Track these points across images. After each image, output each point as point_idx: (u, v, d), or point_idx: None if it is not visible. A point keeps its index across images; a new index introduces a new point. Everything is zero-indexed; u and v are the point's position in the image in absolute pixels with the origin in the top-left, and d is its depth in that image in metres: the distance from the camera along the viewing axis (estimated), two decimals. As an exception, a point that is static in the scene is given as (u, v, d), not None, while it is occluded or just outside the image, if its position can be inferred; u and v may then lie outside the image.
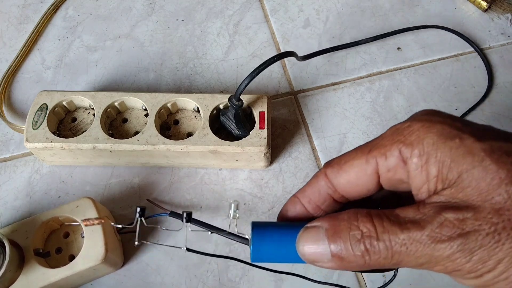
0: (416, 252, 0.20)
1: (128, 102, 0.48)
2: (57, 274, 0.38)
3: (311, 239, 0.23)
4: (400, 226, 0.21)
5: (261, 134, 0.45)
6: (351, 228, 0.22)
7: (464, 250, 0.20)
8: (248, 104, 0.47)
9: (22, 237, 0.39)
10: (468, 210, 0.20)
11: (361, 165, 0.24)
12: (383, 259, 0.21)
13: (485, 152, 0.20)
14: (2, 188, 0.48)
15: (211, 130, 0.45)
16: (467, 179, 0.20)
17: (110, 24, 0.60)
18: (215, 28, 0.60)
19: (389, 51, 0.57)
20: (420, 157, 0.22)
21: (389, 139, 0.23)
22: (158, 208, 0.46)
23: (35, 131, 0.44)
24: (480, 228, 0.19)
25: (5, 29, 0.60)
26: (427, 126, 0.22)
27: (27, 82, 0.55)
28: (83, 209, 0.40)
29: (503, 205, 0.19)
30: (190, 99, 0.47)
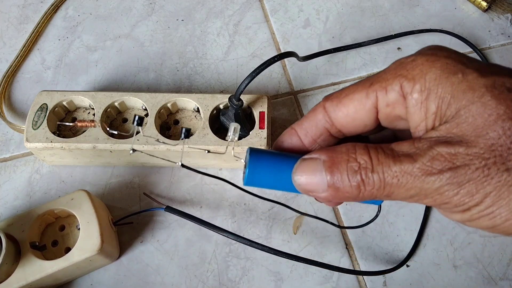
0: (407, 184, 0.21)
1: (128, 102, 0.48)
2: (53, 265, 0.38)
3: (309, 169, 0.23)
4: (393, 159, 0.21)
5: (261, 134, 0.45)
6: (349, 160, 0.22)
7: (452, 184, 0.20)
8: (248, 104, 0.46)
9: (18, 231, 0.39)
10: (461, 145, 0.20)
11: (360, 99, 0.23)
12: (376, 190, 0.22)
13: (486, 88, 0.20)
14: (2, 188, 0.48)
15: (211, 130, 0.45)
16: (464, 115, 0.20)
17: (110, 24, 0.60)
18: (215, 28, 0.60)
19: (389, 51, 0.57)
20: (421, 93, 0.21)
21: (391, 73, 0.22)
22: (154, 202, 0.46)
23: (35, 131, 0.44)
24: (470, 162, 0.19)
25: (5, 29, 0.60)
26: (431, 60, 0.21)
27: (27, 82, 0.55)
28: (78, 202, 0.41)
29: (497, 141, 0.19)
30: (190, 99, 0.47)
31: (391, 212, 0.46)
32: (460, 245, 0.45)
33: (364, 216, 0.46)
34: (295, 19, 0.60)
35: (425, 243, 0.45)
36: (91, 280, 0.43)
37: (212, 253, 0.44)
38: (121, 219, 0.44)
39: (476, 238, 0.45)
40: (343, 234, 0.45)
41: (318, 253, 0.44)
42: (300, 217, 0.46)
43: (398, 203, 0.47)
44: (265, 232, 0.45)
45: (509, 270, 0.43)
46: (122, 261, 0.44)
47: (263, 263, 0.44)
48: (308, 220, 0.46)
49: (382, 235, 0.45)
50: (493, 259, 0.44)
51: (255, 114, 0.46)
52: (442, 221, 0.46)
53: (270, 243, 0.45)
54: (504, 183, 0.19)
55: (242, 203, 0.47)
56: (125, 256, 0.44)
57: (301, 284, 0.43)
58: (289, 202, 0.47)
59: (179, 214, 0.42)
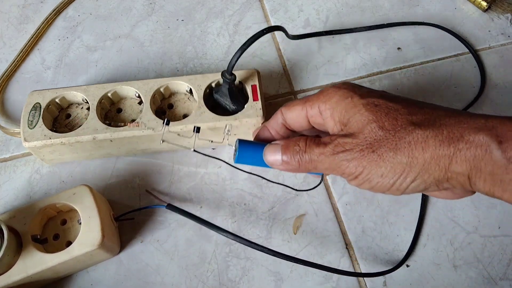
0: (323, 160, 0.33)
1: (121, 92, 0.48)
2: (54, 259, 0.38)
3: (272, 151, 0.36)
4: (317, 145, 0.33)
5: (256, 105, 0.47)
6: (294, 145, 0.34)
7: (346, 160, 0.32)
8: (239, 80, 0.48)
9: (20, 224, 0.40)
10: (350, 137, 0.32)
11: (299, 110, 0.36)
12: (308, 163, 0.34)
13: (363, 105, 0.32)
14: (2, 188, 0.48)
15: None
16: (352, 121, 0.32)
17: (110, 24, 0.60)
18: (215, 28, 0.60)
19: (389, 51, 0.57)
20: (329, 110, 0.34)
21: (315, 97, 0.35)
22: (155, 200, 0.46)
23: (32, 130, 0.44)
24: (354, 147, 0.31)
25: (5, 29, 0.60)
26: (335, 91, 0.34)
27: (27, 82, 0.55)
28: (80, 196, 0.41)
29: (368, 135, 0.31)
30: (182, 81, 0.48)
31: (391, 212, 0.46)
32: (460, 245, 0.45)
33: (364, 216, 0.46)
34: (295, 19, 0.60)
35: (425, 243, 0.45)
36: (91, 280, 0.43)
37: (212, 253, 0.44)
38: (122, 214, 0.44)
39: (476, 238, 0.45)
40: (343, 234, 0.45)
41: (318, 253, 0.44)
42: (300, 217, 0.46)
43: (397, 204, 0.47)
44: (265, 232, 0.45)
45: (509, 270, 0.43)
46: (122, 260, 0.44)
47: (263, 263, 0.44)
48: (308, 220, 0.46)
49: (382, 235, 0.45)
50: (493, 259, 0.44)
51: (247, 88, 0.48)
52: (442, 221, 0.46)
53: (270, 243, 0.45)
54: (371, 159, 0.31)
55: (242, 203, 0.47)
56: (125, 256, 0.44)
57: (301, 284, 0.43)
58: (288, 202, 0.47)
59: (180, 213, 0.42)
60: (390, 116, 0.31)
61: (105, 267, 0.43)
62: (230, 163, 0.45)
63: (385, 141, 0.30)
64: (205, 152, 0.49)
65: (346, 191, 0.47)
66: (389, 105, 0.32)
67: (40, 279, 0.40)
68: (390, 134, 0.31)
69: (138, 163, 0.49)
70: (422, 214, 0.46)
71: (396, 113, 0.31)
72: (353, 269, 0.44)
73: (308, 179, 0.48)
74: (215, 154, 0.50)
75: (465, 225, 0.46)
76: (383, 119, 0.31)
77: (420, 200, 0.47)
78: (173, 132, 0.45)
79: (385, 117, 0.31)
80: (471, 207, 0.47)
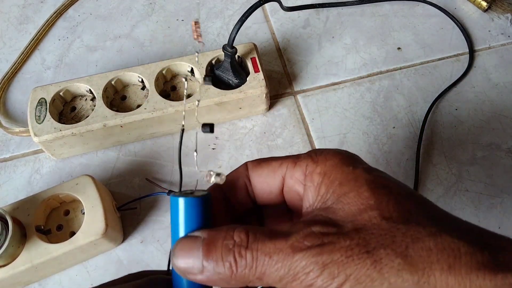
0: (277, 262, 0.20)
1: (124, 78, 0.49)
2: (58, 249, 0.39)
3: (186, 250, 0.22)
4: (270, 236, 0.21)
5: (258, 77, 0.48)
6: (226, 238, 0.22)
7: (317, 263, 0.20)
8: (237, 55, 0.49)
9: (23, 215, 0.40)
10: (334, 226, 0.21)
11: (275, 166, 0.26)
12: (248, 270, 0.21)
13: (366, 181, 0.22)
14: (2, 188, 0.48)
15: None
16: (343, 201, 0.22)
17: (110, 24, 0.60)
18: (215, 28, 0.60)
19: (389, 51, 0.57)
20: (319, 175, 0.24)
21: (304, 155, 0.26)
22: (157, 187, 0.47)
23: (40, 124, 0.45)
24: (337, 241, 0.20)
25: (5, 29, 0.60)
26: (335, 153, 0.25)
27: (28, 82, 0.55)
28: (83, 187, 0.41)
29: (362, 226, 0.20)
30: (183, 62, 0.49)
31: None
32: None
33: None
34: (295, 19, 0.60)
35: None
36: (91, 280, 0.43)
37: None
38: (125, 204, 0.45)
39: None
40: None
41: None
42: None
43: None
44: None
45: None
46: (123, 261, 0.44)
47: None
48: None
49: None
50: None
51: (247, 62, 0.49)
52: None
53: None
54: (363, 265, 0.19)
55: (242, 203, 0.47)
56: (125, 256, 0.44)
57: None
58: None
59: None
60: (401, 205, 0.21)
61: (106, 267, 0.44)
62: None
63: (390, 238, 0.20)
64: (205, 151, 0.50)
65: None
66: (401, 192, 0.23)
67: (45, 270, 0.40)
68: (399, 231, 0.20)
69: (139, 163, 0.49)
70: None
71: (410, 202, 0.22)
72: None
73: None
74: (215, 154, 0.50)
75: None
76: (391, 207, 0.21)
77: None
78: (181, 110, 0.46)
79: (395, 205, 0.21)
80: (471, 207, 0.47)
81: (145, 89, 0.49)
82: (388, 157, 0.49)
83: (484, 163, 0.49)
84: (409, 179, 0.48)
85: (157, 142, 0.50)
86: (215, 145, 0.50)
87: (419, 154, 0.49)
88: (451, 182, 0.48)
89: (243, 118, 0.52)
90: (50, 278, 0.43)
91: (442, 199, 0.47)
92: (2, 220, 0.38)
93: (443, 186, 0.48)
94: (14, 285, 0.41)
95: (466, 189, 0.48)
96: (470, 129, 0.51)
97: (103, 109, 0.46)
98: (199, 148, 0.50)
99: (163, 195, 0.46)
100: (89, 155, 0.49)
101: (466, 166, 0.49)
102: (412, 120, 0.52)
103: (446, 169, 0.49)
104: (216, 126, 0.51)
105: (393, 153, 0.50)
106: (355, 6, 0.61)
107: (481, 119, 0.52)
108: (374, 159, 0.49)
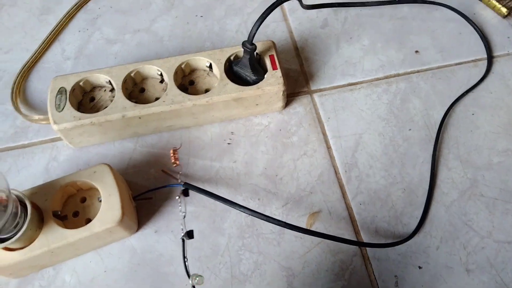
0: None
1: (143, 71, 0.50)
2: (75, 234, 0.39)
3: None
4: None
5: (276, 74, 0.48)
6: None
7: None
8: (256, 52, 0.50)
9: (41, 200, 0.40)
10: None
11: None
12: None
13: None
14: (20, 173, 0.48)
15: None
16: None
17: (130, 18, 0.61)
18: (234, 25, 0.60)
19: (407, 54, 0.57)
20: None
21: None
22: (172, 179, 0.47)
23: (60, 113, 0.45)
24: None
25: (26, 19, 0.61)
26: None
27: (47, 71, 0.56)
28: (100, 175, 0.42)
29: None
30: (202, 57, 0.50)
31: (405, 214, 0.46)
32: (474, 249, 0.44)
33: (378, 216, 0.46)
34: (313, 19, 0.61)
35: (438, 245, 0.45)
36: (105, 267, 0.43)
37: (225, 246, 0.44)
38: (140, 194, 0.45)
39: (490, 243, 0.45)
40: (356, 233, 0.45)
41: (330, 250, 0.44)
42: (314, 215, 0.46)
43: (411, 206, 0.47)
44: (278, 228, 0.45)
45: (522, 275, 0.43)
46: (136, 249, 0.44)
47: (276, 258, 0.44)
48: (322, 217, 0.46)
49: (395, 236, 0.45)
50: (506, 265, 0.44)
51: (265, 60, 0.50)
52: (456, 224, 0.46)
53: (283, 239, 0.45)
54: None
55: (256, 198, 0.47)
56: (139, 245, 0.44)
57: (312, 281, 0.43)
58: (302, 199, 0.47)
59: (197, 191, 0.42)
60: None
61: (119, 255, 0.44)
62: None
63: None
64: (221, 146, 0.50)
65: (360, 191, 0.47)
66: None
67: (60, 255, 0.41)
68: None
69: (155, 154, 0.49)
70: (436, 217, 0.46)
71: None
72: (365, 269, 0.44)
73: (322, 177, 0.48)
74: (230, 148, 0.50)
75: (479, 230, 0.45)
76: None
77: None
78: (199, 105, 0.47)
79: None
80: (486, 212, 0.46)
81: (164, 82, 0.50)
82: (404, 159, 0.49)
83: (500, 168, 0.49)
84: (424, 182, 0.48)
85: (174, 135, 0.51)
86: (231, 140, 0.51)
87: (435, 157, 0.49)
88: (466, 186, 0.48)
89: (259, 115, 0.52)
90: (64, 263, 0.43)
91: (457, 203, 0.47)
92: (22, 204, 0.38)
93: (458, 190, 0.48)
94: (29, 268, 0.41)
95: (481, 194, 0.47)
96: (487, 134, 0.51)
97: (122, 100, 0.46)
98: (215, 142, 0.50)
99: (178, 187, 0.46)
100: (106, 145, 0.50)
101: (482, 171, 0.49)
102: (428, 123, 0.52)
103: (461, 173, 0.49)
104: (232, 121, 0.52)
105: (408, 155, 0.50)
106: (374, 8, 0.61)
107: (498, 125, 0.52)
108: (389, 161, 0.49)
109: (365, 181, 0.48)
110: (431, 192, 0.47)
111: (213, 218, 0.46)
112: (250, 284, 0.43)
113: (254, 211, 0.41)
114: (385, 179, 0.48)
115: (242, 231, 0.45)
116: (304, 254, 0.44)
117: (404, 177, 0.48)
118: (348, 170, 0.49)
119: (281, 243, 0.45)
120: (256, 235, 0.45)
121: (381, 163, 0.49)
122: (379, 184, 0.48)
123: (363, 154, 0.50)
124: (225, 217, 0.46)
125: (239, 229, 0.45)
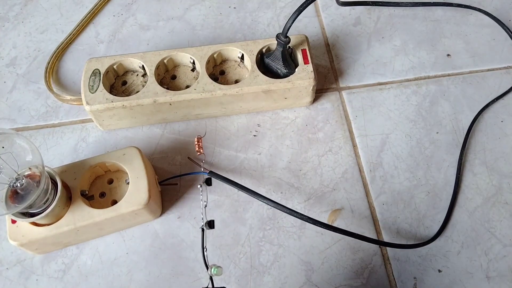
0: None
1: (176, 58, 0.50)
2: (101, 214, 0.40)
3: None
4: None
5: (307, 68, 0.49)
6: None
7: None
8: (288, 46, 0.50)
9: (70, 178, 0.41)
10: None
11: None
12: None
13: None
14: (49, 152, 0.49)
15: None
16: None
17: (164, 5, 0.61)
18: (266, 18, 0.60)
19: (438, 57, 0.57)
20: None
21: None
22: (197, 167, 0.47)
23: (93, 94, 0.46)
24: None
25: (63, 1, 0.62)
26: None
27: (81, 53, 0.57)
28: (130, 158, 0.42)
29: None
30: (235, 47, 0.50)
31: (428, 217, 0.46)
32: (495, 257, 0.44)
33: (400, 217, 0.46)
34: (346, 16, 0.60)
35: (459, 250, 0.44)
36: (127, 249, 0.44)
37: (246, 236, 0.45)
38: (166, 179, 0.46)
39: (512, 251, 0.44)
40: (378, 233, 0.45)
41: (350, 248, 0.44)
42: (336, 212, 0.46)
43: (435, 209, 0.46)
44: (299, 222, 0.46)
45: (544, 287, 0.43)
46: (159, 234, 0.45)
47: (296, 252, 0.44)
48: (344, 215, 0.46)
49: (416, 238, 0.45)
50: (527, 275, 0.43)
51: (297, 53, 0.50)
52: (478, 230, 0.45)
53: (303, 233, 0.45)
54: None
55: (279, 191, 0.47)
56: (161, 229, 0.45)
57: (331, 277, 0.43)
58: (325, 195, 0.47)
59: (222, 180, 0.43)
60: None
61: (142, 238, 0.45)
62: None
63: None
64: (246, 137, 0.50)
65: (383, 191, 0.47)
66: None
67: (85, 233, 0.42)
68: None
69: (182, 141, 0.50)
70: (459, 221, 0.46)
71: None
72: (384, 269, 0.44)
73: (346, 175, 0.48)
74: (256, 140, 0.50)
75: (502, 237, 0.45)
76: None
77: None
78: (229, 95, 0.47)
79: None
80: (509, 220, 0.46)
81: (195, 71, 0.50)
82: (429, 162, 0.49)
83: (527, 178, 0.48)
84: (449, 186, 0.48)
85: (201, 123, 0.51)
86: (257, 132, 0.51)
87: (461, 161, 0.49)
88: (491, 193, 0.48)
89: (286, 109, 0.52)
90: (88, 243, 0.44)
91: (480, 209, 0.47)
92: (52, 181, 0.39)
93: (482, 196, 0.47)
94: (54, 244, 0.42)
95: (505, 201, 0.47)
96: (515, 142, 0.51)
97: (154, 85, 0.47)
98: (241, 133, 0.51)
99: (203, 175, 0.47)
100: (134, 129, 0.51)
101: (508, 179, 0.48)
102: (456, 128, 0.51)
103: (487, 180, 0.48)
104: (259, 114, 0.52)
105: (434, 158, 0.49)
106: (407, 9, 0.61)
107: (528, 133, 0.51)
108: (415, 163, 0.49)
109: (389, 182, 0.48)
110: (455, 196, 0.47)
111: (235, 207, 0.46)
112: (269, 275, 0.43)
113: (277, 203, 0.41)
114: (409, 180, 0.48)
115: (263, 223, 0.46)
116: (324, 250, 0.44)
117: (429, 180, 0.48)
118: (373, 169, 0.49)
119: (301, 238, 0.45)
120: (277, 228, 0.45)
121: (406, 164, 0.49)
122: (403, 186, 0.48)
123: (388, 154, 0.50)
124: (247, 208, 0.46)
125: (260, 221, 0.46)
